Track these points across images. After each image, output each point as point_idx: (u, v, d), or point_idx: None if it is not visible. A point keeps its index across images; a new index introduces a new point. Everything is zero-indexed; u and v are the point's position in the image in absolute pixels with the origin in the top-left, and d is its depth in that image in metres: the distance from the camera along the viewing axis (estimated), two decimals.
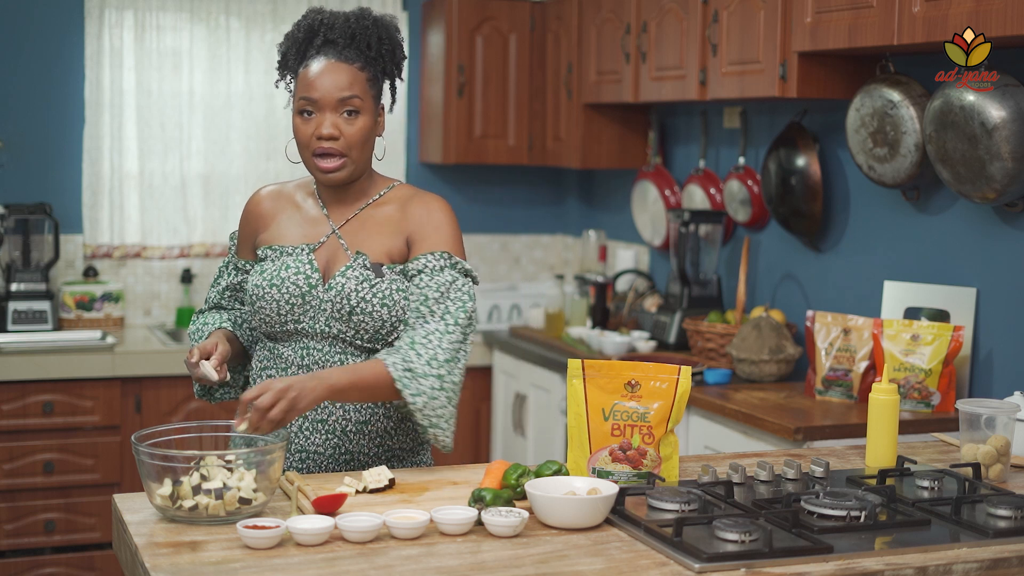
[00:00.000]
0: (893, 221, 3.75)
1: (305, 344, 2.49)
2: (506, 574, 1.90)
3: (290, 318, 2.48)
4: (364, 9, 2.56)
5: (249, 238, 2.63)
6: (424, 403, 2.38)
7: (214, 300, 2.71)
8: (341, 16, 2.53)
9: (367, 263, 2.48)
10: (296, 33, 2.54)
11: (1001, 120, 3.09)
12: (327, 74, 2.47)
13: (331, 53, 2.49)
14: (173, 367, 4.51)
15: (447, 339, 2.42)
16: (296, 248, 2.53)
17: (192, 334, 2.66)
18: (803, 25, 3.51)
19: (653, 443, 2.38)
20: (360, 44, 2.51)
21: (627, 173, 5.14)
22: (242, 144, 5.11)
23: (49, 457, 4.38)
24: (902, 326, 3.43)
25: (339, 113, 2.47)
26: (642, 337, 4.45)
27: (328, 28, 2.51)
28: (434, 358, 2.40)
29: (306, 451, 2.50)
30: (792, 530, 2.08)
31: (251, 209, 2.64)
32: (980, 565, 2.03)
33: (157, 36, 4.98)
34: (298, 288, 2.47)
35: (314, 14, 2.55)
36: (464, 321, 2.45)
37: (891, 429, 2.61)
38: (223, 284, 2.69)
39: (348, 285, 2.45)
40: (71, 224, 4.94)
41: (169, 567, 1.90)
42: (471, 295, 2.49)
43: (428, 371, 2.38)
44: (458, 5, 5.11)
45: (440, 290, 2.45)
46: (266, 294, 2.48)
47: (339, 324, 2.46)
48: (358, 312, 2.45)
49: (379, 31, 2.54)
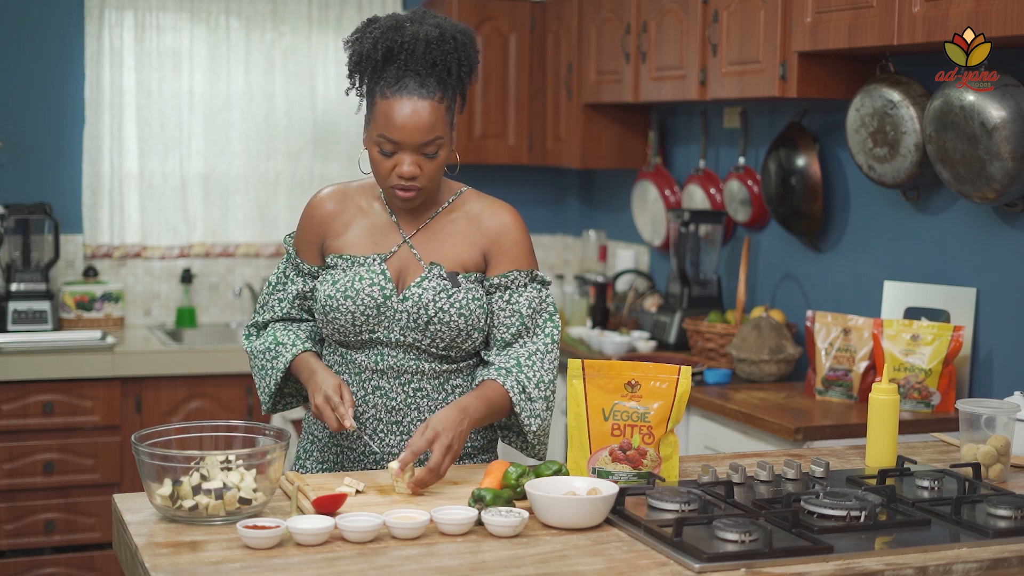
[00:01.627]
0: (893, 221, 3.75)
1: (380, 351, 2.48)
2: (506, 574, 1.90)
3: (365, 328, 2.46)
4: (443, 28, 2.42)
5: (314, 241, 2.56)
6: (539, 426, 2.49)
7: (283, 311, 2.59)
8: (422, 41, 2.39)
9: (443, 273, 2.47)
10: (373, 53, 2.40)
11: (1001, 120, 3.09)
12: (410, 115, 2.37)
13: (412, 85, 2.38)
14: (173, 367, 4.51)
15: (548, 359, 2.51)
16: (368, 258, 2.49)
17: (262, 352, 2.55)
18: (803, 25, 3.51)
19: (653, 443, 2.38)
20: (440, 72, 2.41)
21: (627, 173, 5.14)
22: (242, 144, 5.11)
23: (49, 457, 4.38)
24: (902, 326, 3.43)
25: (420, 153, 2.41)
26: (642, 337, 4.45)
27: (409, 55, 2.39)
28: (542, 380, 2.49)
29: (379, 453, 2.50)
30: (792, 530, 2.08)
31: (314, 211, 2.56)
32: (980, 565, 2.03)
33: (157, 36, 4.98)
34: (373, 299, 2.45)
35: (392, 33, 2.40)
36: (557, 336, 2.54)
37: (891, 429, 2.61)
38: (292, 292, 2.58)
39: (425, 296, 2.44)
40: (71, 224, 4.94)
41: (169, 567, 1.90)
42: (556, 307, 2.56)
43: (538, 394, 2.48)
44: (458, 5, 5.11)
45: (532, 306, 2.51)
46: (340, 305, 2.45)
47: (414, 333, 2.45)
48: (435, 322, 2.44)
49: (459, 54, 2.43)
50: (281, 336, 2.55)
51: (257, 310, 2.64)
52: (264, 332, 2.61)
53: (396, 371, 2.47)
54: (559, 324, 2.55)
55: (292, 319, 2.61)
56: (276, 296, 2.60)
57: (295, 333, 2.57)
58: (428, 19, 2.44)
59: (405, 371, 2.47)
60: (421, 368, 2.48)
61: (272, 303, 2.61)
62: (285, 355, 2.52)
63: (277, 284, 2.61)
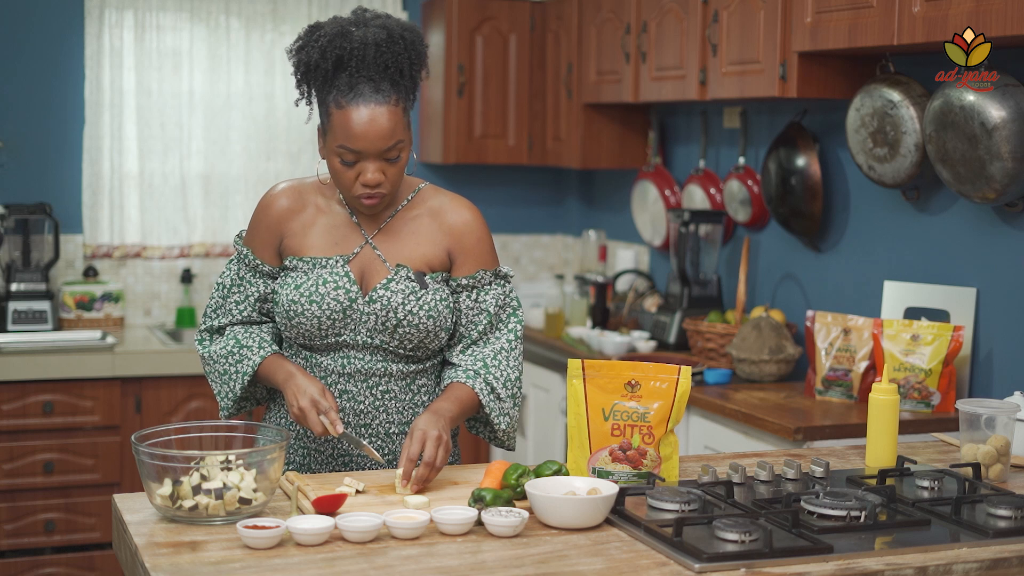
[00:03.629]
0: (893, 221, 3.75)
1: (346, 354, 2.46)
2: (506, 574, 1.90)
3: (330, 331, 2.44)
4: (390, 28, 2.38)
5: (271, 241, 2.50)
6: (508, 423, 2.52)
7: (241, 314, 2.51)
8: (371, 45, 2.34)
9: (410, 274, 2.45)
10: (322, 63, 2.36)
11: (1001, 120, 3.09)
12: (369, 123, 2.33)
13: (367, 92, 2.34)
14: (173, 367, 4.51)
15: (513, 356, 2.53)
16: (330, 259, 2.45)
17: (223, 357, 2.48)
18: (803, 25, 3.51)
19: (653, 443, 2.38)
20: (393, 75, 2.37)
21: (627, 173, 5.14)
22: (242, 144, 5.11)
23: (49, 457, 4.38)
24: (902, 326, 3.43)
25: (383, 159, 2.37)
26: (642, 337, 4.45)
27: (360, 61, 2.34)
28: (508, 379, 2.51)
29: (349, 455, 2.51)
30: (792, 530, 2.08)
31: (270, 209, 2.51)
32: (980, 565, 2.03)
33: (157, 36, 4.98)
34: (338, 303, 2.42)
35: (340, 40, 2.35)
36: (521, 333, 2.56)
37: (891, 429, 2.61)
38: (253, 295, 2.50)
39: (394, 299, 2.42)
40: (71, 224, 4.94)
41: (169, 567, 1.90)
42: (519, 302, 2.58)
43: (506, 393, 2.50)
44: (458, 5, 5.11)
45: (497, 304, 2.52)
46: (305, 309, 2.41)
47: (382, 336, 2.44)
48: (404, 325, 2.43)
49: (410, 54, 2.39)
50: (243, 339, 2.48)
51: (209, 314, 2.54)
52: (222, 336, 2.53)
53: (363, 374, 2.46)
54: (522, 318, 2.58)
55: (252, 322, 2.53)
56: (233, 299, 2.52)
57: (258, 336, 2.50)
58: (373, 21, 2.39)
59: (372, 374, 2.46)
60: (388, 370, 2.46)
61: (229, 306, 2.52)
62: (252, 358, 2.46)
63: (232, 287, 2.52)
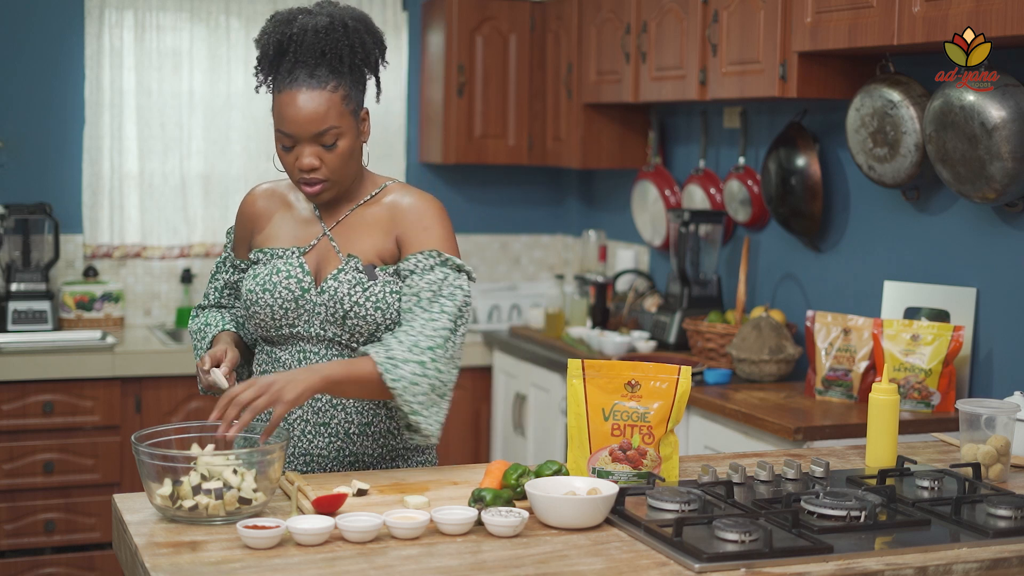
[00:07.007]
0: (893, 221, 3.75)
1: (301, 348, 2.47)
2: (506, 574, 1.90)
3: (284, 322, 2.46)
4: (333, 15, 2.41)
5: (245, 237, 2.60)
6: (404, 388, 2.31)
7: (214, 298, 2.68)
8: (311, 30, 2.38)
9: (359, 265, 2.45)
10: (266, 48, 2.42)
11: (1001, 120, 3.09)
12: (301, 107, 2.36)
13: (302, 77, 2.37)
14: (173, 367, 4.51)
15: (431, 326, 2.37)
16: (287, 251, 2.50)
17: (194, 332, 2.63)
18: (803, 25, 3.51)
19: (653, 443, 2.38)
20: (332, 61, 2.39)
21: (627, 173, 5.14)
22: (242, 144, 5.11)
23: (49, 457, 4.38)
24: (902, 326, 3.43)
25: (318, 144, 2.39)
26: (642, 337, 4.45)
27: (297, 46, 2.38)
28: (416, 344, 2.34)
29: (309, 454, 2.49)
30: (792, 530, 2.08)
31: (245, 208, 2.60)
32: (980, 565, 2.03)
33: (157, 36, 4.98)
34: (291, 292, 2.44)
35: (283, 27, 2.41)
36: (453, 312, 2.40)
37: (891, 429, 2.61)
38: (221, 282, 2.67)
39: (341, 289, 2.42)
40: (71, 224, 4.94)
41: (169, 567, 1.90)
42: (464, 289, 2.44)
43: (409, 357, 2.32)
44: (458, 5, 5.11)
45: (432, 288, 2.41)
46: (260, 299, 2.46)
47: (333, 327, 2.44)
48: (352, 316, 2.42)
49: (350, 40, 2.40)
50: (211, 319, 2.63)
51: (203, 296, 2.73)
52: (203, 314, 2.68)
53: None
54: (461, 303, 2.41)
55: (224, 306, 2.69)
56: (212, 285, 2.69)
57: (222, 316, 2.64)
58: (322, 9, 2.43)
59: None
60: None
61: (209, 291, 2.70)
62: (209, 335, 2.59)
63: (215, 273, 2.70)
